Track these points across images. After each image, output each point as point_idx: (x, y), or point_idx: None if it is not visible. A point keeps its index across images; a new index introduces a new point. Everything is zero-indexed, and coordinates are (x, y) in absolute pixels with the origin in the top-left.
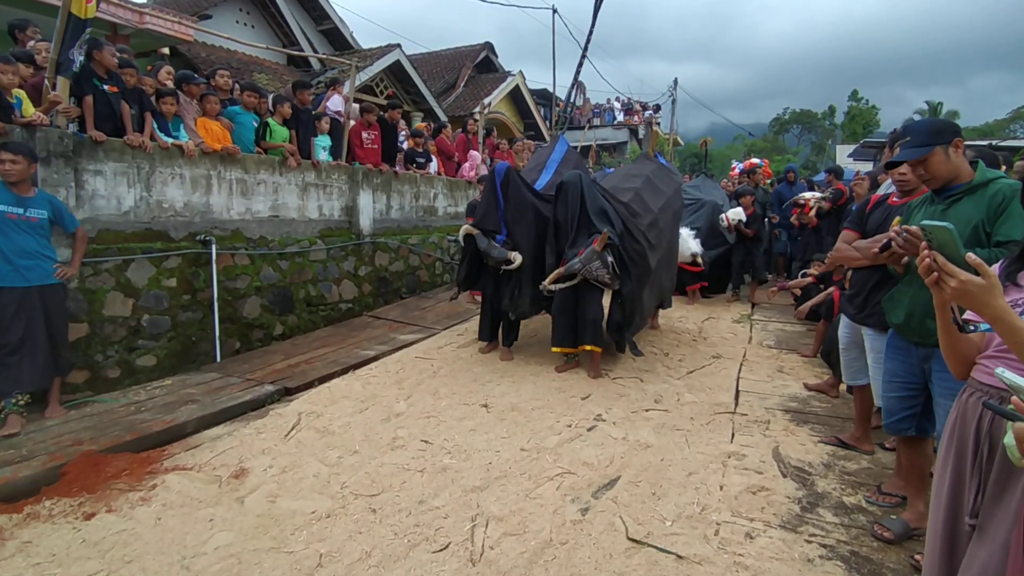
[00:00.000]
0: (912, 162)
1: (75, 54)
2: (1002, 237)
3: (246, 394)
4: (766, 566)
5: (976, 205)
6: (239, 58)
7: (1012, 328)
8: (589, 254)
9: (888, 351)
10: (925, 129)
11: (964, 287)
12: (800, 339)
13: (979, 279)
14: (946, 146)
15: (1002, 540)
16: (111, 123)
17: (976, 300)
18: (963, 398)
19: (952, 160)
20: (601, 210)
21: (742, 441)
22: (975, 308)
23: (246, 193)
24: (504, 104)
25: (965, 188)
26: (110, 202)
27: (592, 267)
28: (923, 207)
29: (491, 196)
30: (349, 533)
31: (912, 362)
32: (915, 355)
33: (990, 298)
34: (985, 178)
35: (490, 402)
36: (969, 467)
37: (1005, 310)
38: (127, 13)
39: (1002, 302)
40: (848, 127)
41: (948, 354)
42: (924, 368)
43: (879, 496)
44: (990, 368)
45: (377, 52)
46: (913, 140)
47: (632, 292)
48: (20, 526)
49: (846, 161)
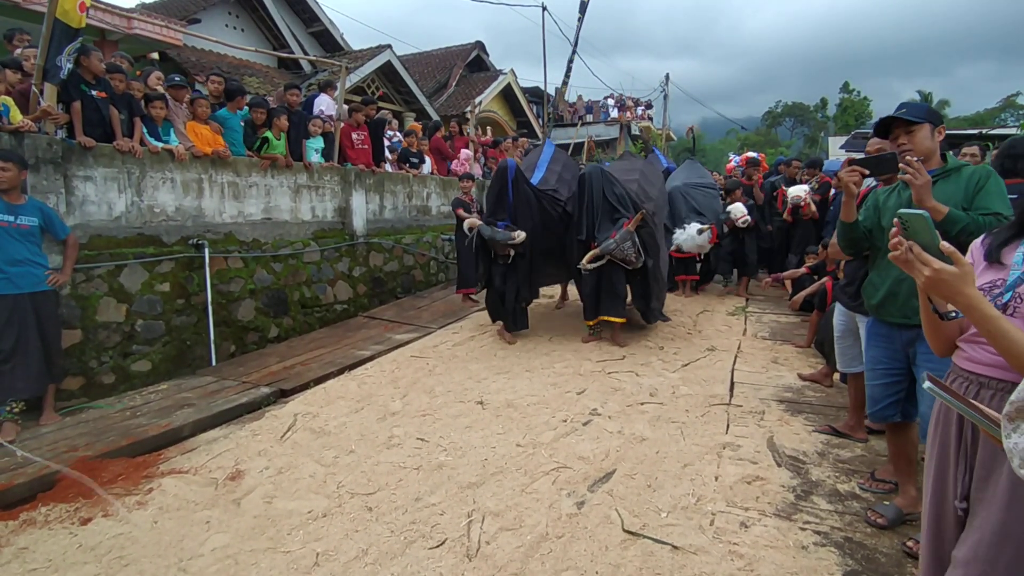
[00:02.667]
0: (903, 128)
1: (62, 61)
2: (982, 209)
3: (242, 397)
4: (761, 554)
5: (954, 187)
6: (229, 62)
7: (984, 317)
8: (624, 235)
9: (869, 339)
10: (923, 107)
11: (938, 275)
12: (794, 330)
13: (952, 268)
14: (933, 127)
15: (992, 522)
16: (100, 129)
17: (949, 288)
18: (946, 383)
19: (933, 141)
20: (621, 197)
21: (737, 432)
22: (948, 296)
23: (238, 196)
24: (496, 103)
25: (939, 172)
26: (101, 208)
27: (624, 247)
28: (895, 193)
29: (501, 190)
30: (345, 532)
31: (895, 348)
32: (898, 340)
33: (963, 286)
34: (957, 164)
35: (485, 399)
36: (954, 451)
37: (977, 299)
38: (115, 18)
39: (974, 291)
40: (840, 119)
41: (930, 333)
42: (908, 352)
43: (872, 483)
44: (967, 353)
45: (368, 53)
46: (909, 111)
47: (653, 267)
48: (16, 532)
49: (838, 152)
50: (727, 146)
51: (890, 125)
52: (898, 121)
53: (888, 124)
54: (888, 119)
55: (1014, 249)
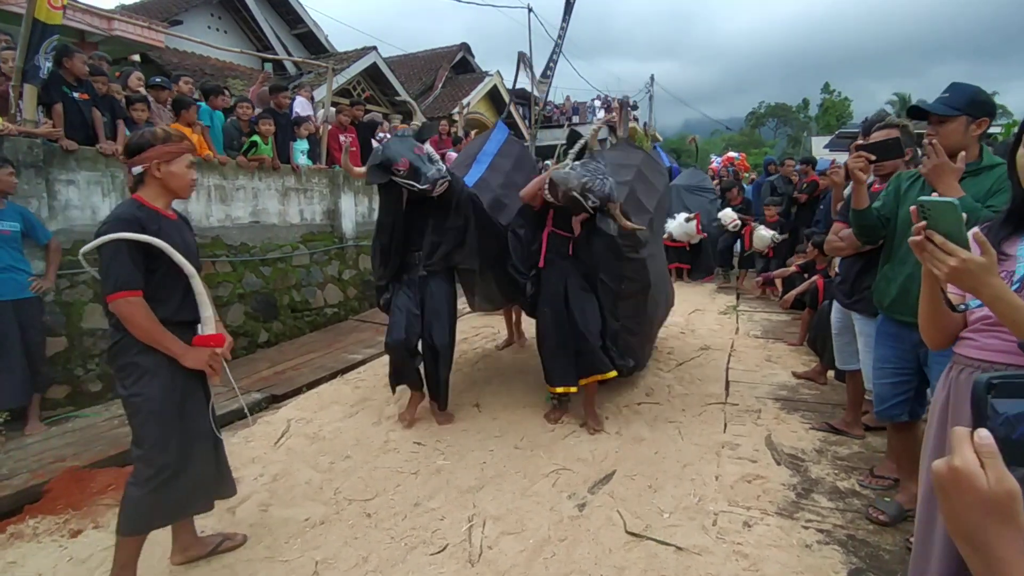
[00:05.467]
0: (936, 119)
1: (41, 60)
2: (994, 206)
3: (233, 403)
4: (765, 553)
5: (980, 185)
6: (212, 64)
7: (1012, 306)
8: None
9: (878, 337)
10: (966, 95)
11: (964, 266)
12: (786, 328)
13: (980, 258)
14: (971, 120)
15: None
16: (82, 131)
17: (974, 279)
18: (952, 375)
19: (967, 136)
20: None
21: (735, 431)
22: (971, 287)
23: (225, 199)
24: (483, 104)
25: (972, 168)
26: (84, 212)
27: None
28: (918, 181)
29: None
30: (344, 539)
31: (904, 347)
32: (908, 340)
33: (989, 277)
34: (993, 162)
35: (481, 401)
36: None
37: (1003, 288)
38: (95, 20)
39: (999, 280)
40: (822, 119)
41: (928, 326)
42: (919, 353)
43: (872, 479)
44: (979, 342)
45: (353, 55)
46: (950, 99)
47: (649, 296)
48: (4, 546)
49: (822, 152)
50: (712, 147)
51: (924, 113)
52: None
53: (922, 111)
54: (915, 108)
55: (1016, 242)
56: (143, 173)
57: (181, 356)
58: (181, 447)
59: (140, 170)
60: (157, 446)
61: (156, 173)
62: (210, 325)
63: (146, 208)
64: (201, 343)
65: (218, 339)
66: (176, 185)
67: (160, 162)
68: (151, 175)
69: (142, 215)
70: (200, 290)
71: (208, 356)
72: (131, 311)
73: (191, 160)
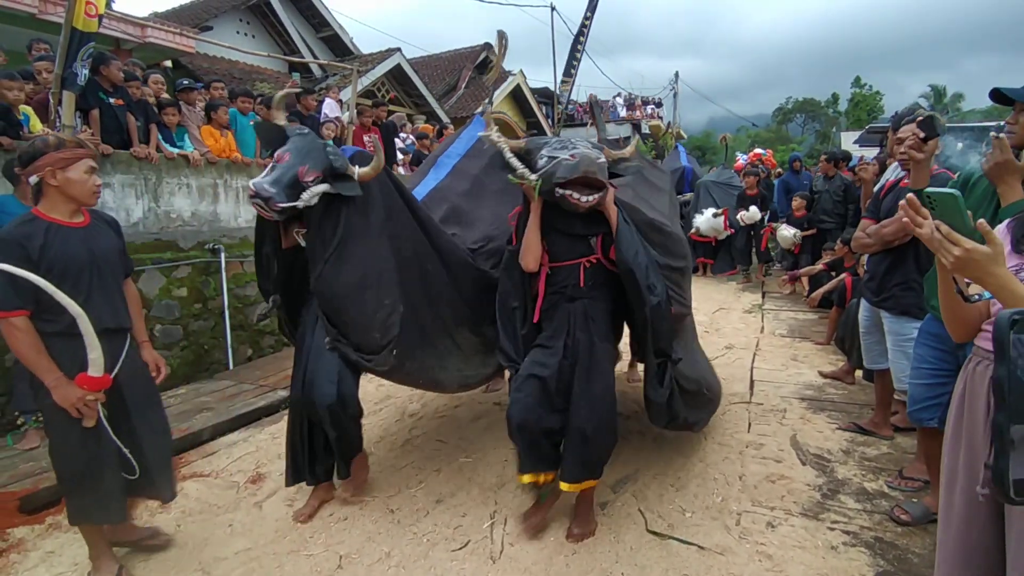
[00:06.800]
0: (1020, 106)
1: (79, 68)
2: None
3: (260, 400)
4: (789, 554)
5: None
6: (241, 68)
7: (1016, 295)
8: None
9: (921, 335)
10: None
11: (969, 256)
12: (813, 327)
13: (985, 248)
14: None
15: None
16: (117, 136)
17: (980, 269)
18: (970, 368)
19: None
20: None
21: (759, 430)
22: (977, 277)
23: None
24: (506, 104)
25: None
26: (119, 214)
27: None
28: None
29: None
30: (368, 535)
31: (946, 349)
32: (949, 342)
33: (994, 267)
34: None
35: (503, 400)
36: (982, 437)
37: (1009, 278)
38: (130, 27)
39: (1004, 270)
40: (852, 114)
41: (948, 317)
42: (959, 356)
43: (901, 481)
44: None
45: (378, 57)
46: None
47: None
48: (43, 536)
49: (852, 147)
50: (738, 144)
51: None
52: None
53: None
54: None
55: None
56: (40, 182)
57: (52, 388)
58: (83, 460)
59: (36, 179)
60: (58, 454)
61: (52, 181)
62: (96, 367)
63: (38, 221)
64: (80, 383)
65: (95, 383)
66: (76, 192)
67: (55, 169)
68: (47, 184)
69: (28, 230)
70: (87, 330)
71: (77, 398)
72: (8, 332)
73: (91, 165)
